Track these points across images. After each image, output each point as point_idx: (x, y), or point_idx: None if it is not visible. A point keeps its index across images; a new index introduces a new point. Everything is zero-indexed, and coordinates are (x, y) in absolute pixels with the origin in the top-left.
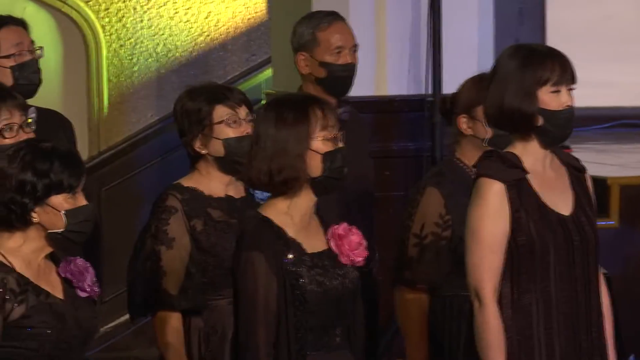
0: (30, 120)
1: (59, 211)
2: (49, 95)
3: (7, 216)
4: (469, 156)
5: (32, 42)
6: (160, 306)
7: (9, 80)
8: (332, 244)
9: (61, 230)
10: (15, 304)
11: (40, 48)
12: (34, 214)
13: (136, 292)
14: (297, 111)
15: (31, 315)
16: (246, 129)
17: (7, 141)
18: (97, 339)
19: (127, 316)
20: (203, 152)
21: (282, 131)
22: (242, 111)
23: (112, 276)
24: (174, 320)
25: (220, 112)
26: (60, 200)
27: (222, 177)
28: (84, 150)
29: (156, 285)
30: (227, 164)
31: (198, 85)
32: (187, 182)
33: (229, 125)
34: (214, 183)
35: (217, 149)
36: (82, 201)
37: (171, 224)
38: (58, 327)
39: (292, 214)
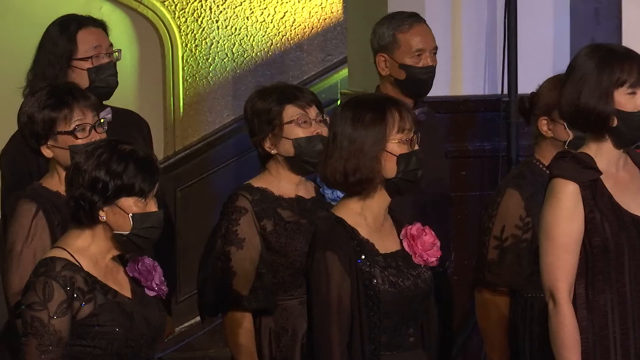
0: (102, 121)
1: (127, 214)
2: (124, 95)
3: (77, 211)
4: (548, 158)
5: (111, 44)
6: (231, 307)
7: (85, 82)
8: (406, 244)
9: (127, 232)
10: (84, 303)
11: (118, 51)
12: (102, 213)
13: (207, 292)
14: (375, 112)
15: (99, 314)
16: (316, 129)
17: (80, 141)
18: (172, 338)
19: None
20: (273, 152)
21: (358, 131)
22: (312, 111)
23: (187, 276)
24: (245, 321)
25: (291, 112)
26: (130, 203)
27: (292, 177)
28: (159, 150)
29: (226, 285)
30: (297, 164)
31: (269, 85)
32: (257, 182)
33: (299, 125)
34: (284, 183)
35: (287, 148)
36: (152, 207)
37: (241, 224)
38: (126, 325)
39: (366, 215)
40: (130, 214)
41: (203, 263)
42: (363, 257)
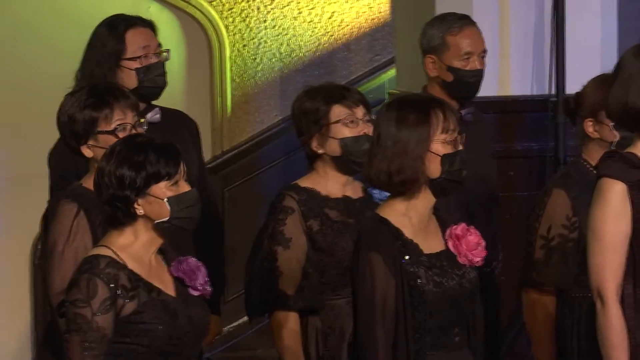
0: (142, 120)
1: (162, 199)
2: (172, 95)
3: (114, 213)
4: (595, 158)
5: (159, 44)
6: (277, 306)
7: (133, 82)
8: (450, 245)
9: (167, 218)
10: (127, 300)
11: (167, 51)
12: (137, 206)
13: (253, 292)
14: (419, 112)
15: (143, 311)
16: (363, 128)
17: None
18: (220, 338)
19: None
20: (320, 151)
21: (402, 131)
22: (360, 111)
23: (235, 276)
24: (291, 321)
25: (338, 111)
26: (161, 189)
27: (339, 177)
28: (207, 150)
29: (273, 285)
30: (344, 164)
31: (316, 85)
32: (304, 182)
33: (346, 125)
34: (331, 183)
35: (334, 148)
36: (184, 187)
37: (288, 224)
38: (170, 323)
39: (410, 215)
40: (165, 199)
41: (250, 263)
42: (407, 257)
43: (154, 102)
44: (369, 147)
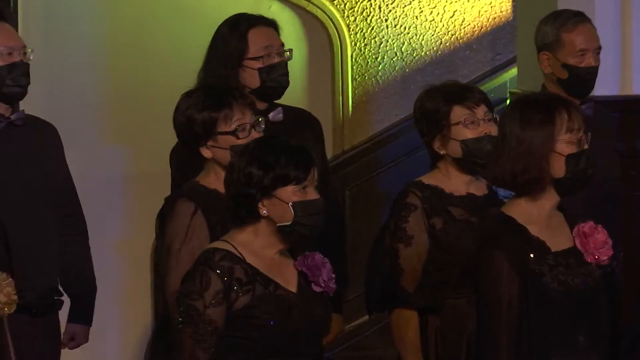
0: (260, 120)
1: (287, 203)
2: (294, 94)
3: (238, 210)
4: None
5: (282, 44)
6: (398, 303)
7: (256, 82)
8: (578, 242)
9: (289, 222)
10: (240, 293)
11: (290, 50)
12: (262, 207)
13: (374, 288)
14: (543, 112)
15: (256, 306)
16: (484, 128)
17: (240, 141)
18: (341, 337)
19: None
20: (442, 152)
21: (527, 132)
22: (481, 111)
23: (357, 275)
24: (411, 318)
25: (458, 112)
26: (288, 193)
27: (462, 176)
28: (328, 149)
29: (394, 282)
30: (466, 165)
31: (437, 84)
32: (428, 179)
33: (466, 126)
34: (455, 181)
35: (455, 149)
36: (312, 195)
37: (410, 221)
38: (283, 319)
39: (536, 213)
40: (290, 203)
41: (371, 259)
42: (532, 255)
43: (276, 101)
44: (493, 147)
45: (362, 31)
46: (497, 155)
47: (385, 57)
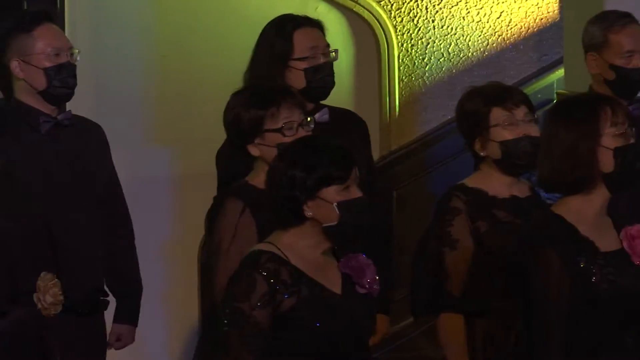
0: (309, 119)
1: (331, 203)
2: (340, 95)
3: (282, 213)
4: None
5: (328, 45)
6: (444, 307)
7: (302, 83)
8: (625, 244)
9: (335, 223)
10: (286, 295)
11: (335, 51)
12: (306, 208)
13: (420, 292)
14: (586, 110)
15: (302, 308)
16: (524, 130)
17: (287, 139)
18: (388, 338)
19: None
20: (482, 153)
21: (571, 131)
22: (520, 112)
23: (404, 276)
24: (457, 322)
25: (497, 114)
26: (332, 193)
27: (504, 178)
28: (375, 150)
29: (439, 286)
30: (506, 166)
31: (478, 86)
32: (471, 182)
33: (505, 127)
34: (498, 183)
35: (495, 151)
36: (355, 193)
37: (455, 225)
38: (329, 320)
39: (586, 212)
40: (335, 203)
41: (416, 262)
42: (582, 255)
43: (322, 102)
44: (539, 149)
45: (409, 32)
46: (544, 157)
47: (432, 58)
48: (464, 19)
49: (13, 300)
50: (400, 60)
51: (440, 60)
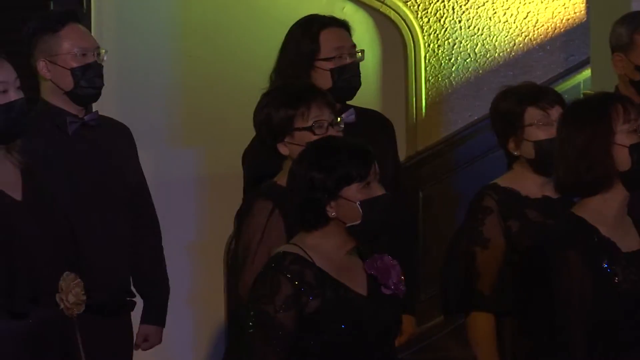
0: (339, 120)
1: (354, 202)
2: (366, 95)
3: (305, 216)
4: None
5: (354, 45)
6: (474, 307)
7: (328, 83)
8: None
9: (359, 222)
10: (311, 297)
11: (361, 51)
12: (329, 209)
13: (450, 291)
14: (597, 109)
15: (327, 310)
16: None
17: (317, 138)
18: (414, 338)
19: (443, 317)
20: (516, 153)
21: (584, 131)
22: (555, 112)
23: (429, 276)
24: (488, 321)
25: (532, 114)
26: (353, 192)
27: (537, 178)
28: (401, 150)
29: (470, 285)
30: (540, 166)
31: (513, 85)
32: (503, 182)
33: (540, 127)
34: (530, 183)
35: (529, 150)
36: (377, 190)
37: (486, 224)
38: (354, 322)
39: (606, 213)
40: (357, 202)
41: (447, 261)
42: (604, 256)
43: (348, 102)
44: (555, 152)
45: (435, 32)
46: (559, 159)
47: (459, 58)
48: (490, 19)
49: (34, 300)
50: (426, 61)
51: (467, 60)
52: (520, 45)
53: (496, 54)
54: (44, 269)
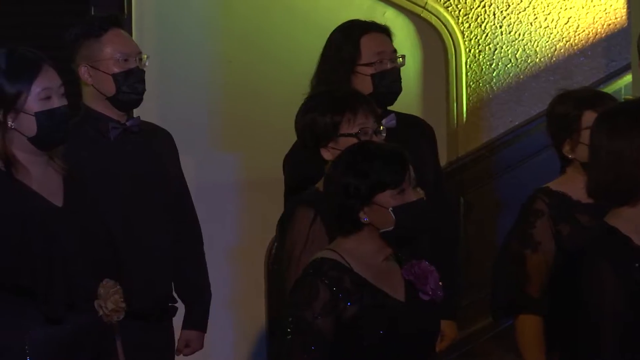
0: (382, 128)
1: (387, 208)
2: (407, 100)
3: (339, 220)
4: None
5: (395, 50)
6: (523, 310)
7: (368, 88)
8: None
9: (392, 227)
10: (349, 303)
11: (402, 56)
12: (362, 215)
13: (500, 293)
14: (630, 118)
15: (365, 316)
16: None
17: None
18: (455, 344)
19: (485, 322)
20: (570, 156)
21: (615, 140)
22: None
23: (471, 281)
24: (536, 324)
25: (589, 117)
26: (386, 198)
27: None
28: (442, 155)
29: (519, 288)
30: None
31: (570, 90)
32: (555, 185)
33: None
34: (582, 187)
35: (584, 154)
36: (411, 196)
37: (537, 227)
38: (392, 328)
39: (637, 221)
40: (390, 208)
41: (498, 263)
42: (637, 264)
43: (389, 108)
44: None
45: (476, 38)
46: (590, 168)
47: (500, 63)
48: (531, 25)
49: (71, 306)
50: (467, 66)
51: (508, 66)
52: (562, 51)
53: (537, 59)
54: (82, 275)
